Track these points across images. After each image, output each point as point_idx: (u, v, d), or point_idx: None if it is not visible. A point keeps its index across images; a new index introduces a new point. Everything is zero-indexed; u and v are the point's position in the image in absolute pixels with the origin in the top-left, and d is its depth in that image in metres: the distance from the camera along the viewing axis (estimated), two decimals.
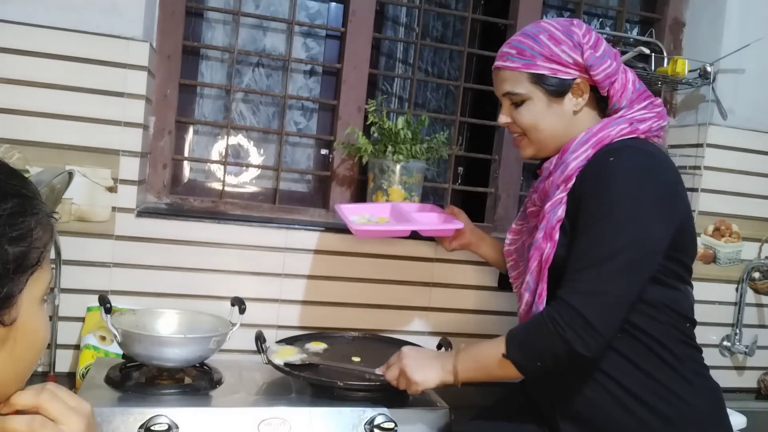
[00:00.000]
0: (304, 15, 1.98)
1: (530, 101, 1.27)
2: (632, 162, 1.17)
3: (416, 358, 1.30)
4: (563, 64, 1.24)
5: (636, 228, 1.12)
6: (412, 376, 1.27)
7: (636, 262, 1.13)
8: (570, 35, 1.25)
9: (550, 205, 1.23)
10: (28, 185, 0.69)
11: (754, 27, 1.94)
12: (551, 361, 1.15)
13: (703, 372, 1.25)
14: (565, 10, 2.23)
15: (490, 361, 1.21)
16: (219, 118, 1.92)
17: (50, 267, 0.73)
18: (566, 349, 1.11)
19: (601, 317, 1.10)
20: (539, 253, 1.24)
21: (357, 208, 1.63)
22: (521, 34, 1.30)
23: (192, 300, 1.61)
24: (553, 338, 1.12)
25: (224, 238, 1.65)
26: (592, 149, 1.22)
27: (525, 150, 1.34)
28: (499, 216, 2.01)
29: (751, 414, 1.71)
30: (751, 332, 2.00)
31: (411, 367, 1.28)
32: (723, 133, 1.95)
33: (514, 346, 1.17)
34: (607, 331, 1.11)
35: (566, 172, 1.22)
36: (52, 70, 1.51)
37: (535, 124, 1.28)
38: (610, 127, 1.23)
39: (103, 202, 1.56)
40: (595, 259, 1.12)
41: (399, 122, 1.70)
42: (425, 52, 2.21)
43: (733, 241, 1.99)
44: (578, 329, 1.10)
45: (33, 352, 0.72)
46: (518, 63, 1.27)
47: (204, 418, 1.25)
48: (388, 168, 1.70)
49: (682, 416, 1.18)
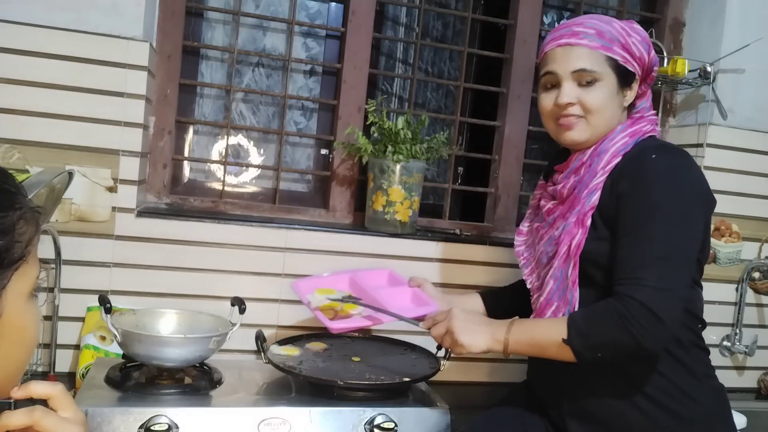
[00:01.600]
0: (304, 15, 1.98)
1: (603, 82, 1.26)
2: (676, 160, 1.21)
3: (466, 320, 1.27)
4: (633, 56, 1.26)
5: (686, 225, 1.15)
6: (459, 338, 1.24)
7: (690, 258, 1.16)
8: (638, 31, 1.27)
9: (587, 191, 1.24)
10: (9, 180, 0.69)
11: (754, 27, 1.94)
12: (612, 353, 1.15)
13: (710, 372, 1.27)
14: (565, 10, 2.23)
15: (547, 341, 1.18)
16: (219, 118, 1.92)
17: (38, 262, 0.72)
18: (634, 344, 1.11)
19: (669, 312, 1.11)
20: (570, 237, 1.24)
21: (314, 283, 1.54)
22: (593, 17, 1.28)
23: (192, 300, 1.61)
24: (620, 333, 1.11)
25: (224, 238, 1.65)
26: (630, 137, 1.26)
27: (580, 133, 1.28)
28: (499, 216, 2.01)
29: (751, 414, 1.71)
30: (751, 332, 2.00)
31: (459, 329, 1.25)
32: (723, 133, 1.95)
33: (576, 334, 1.15)
34: (675, 326, 1.13)
35: (605, 157, 1.25)
36: (52, 70, 1.51)
37: (602, 107, 1.26)
38: (643, 122, 1.29)
39: (103, 202, 1.56)
40: (656, 256, 1.13)
41: (399, 122, 1.70)
42: (425, 52, 2.21)
43: (733, 241, 1.99)
44: (647, 325, 1.10)
45: (22, 349, 0.71)
46: (598, 43, 1.24)
47: (204, 418, 1.25)
48: (388, 168, 1.70)
49: (692, 415, 1.19)
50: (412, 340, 1.66)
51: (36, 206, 0.71)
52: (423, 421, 1.34)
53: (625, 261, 1.16)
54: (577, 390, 1.24)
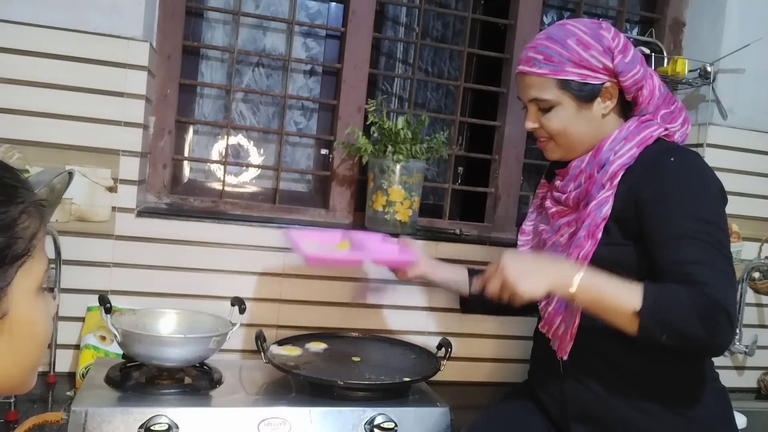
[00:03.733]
0: (304, 15, 1.98)
1: (559, 107, 1.24)
2: (695, 162, 1.20)
3: (522, 262, 1.15)
4: (593, 69, 1.22)
5: (723, 223, 1.15)
6: (517, 287, 1.10)
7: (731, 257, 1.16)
8: (599, 39, 1.22)
9: (596, 204, 1.21)
10: (11, 174, 0.68)
11: (754, 27, 1.94)
12: (679, 341, 1.09)
13: (715, 375, 1.27)
14: (565, 10, 2.23)
15: (616, 305, 1.10)
16: (219, 118, 1.92)
17: (45, 256, 0.71)
18: (710, 339, 1.08)
19: (735, 316, 1.13)
20: (578, 251, 1.21)
21: (307, 235, 1.52)
22: (547, 37, 1.24)
23: (192, 300, 1.61)
24: (701, 327, 1.07)
25: (224, 238, 1.65)
26: (637, 148, 1.22)
27: (552, 153, 1.31)
28: (499, 216, 2.01)
29: (751, 414, 1.71)
30: (751, 332, 2.00)
31: (515, 277, 1.11)
32: (723, 133, 1.95)
33: (651, 311, 1.07)
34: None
35: (611, 170, 1.21)
36: (52, 70, 1.51)
37: (564, 130, 1.25)
38: (651, 127, 1.24)
39: (103, 202, 1.56)
40: (713, 256, 1.11)
41: (399, 122, 1.70)
42: (425, 52, 2.21)
43: (733, 241, 1.99)
44: (727, 329, 1.07)
45: (33, 344, 0.71)
46: (546, 69, 1.22)
47: (204, 418, 1.25)
48: (388, 168, 1.70)
49: (697, 417, 1.19)
50: (412, 340, 1.66)
51: (40, 199, 0.70)
52: (423, 421, 1.34)
53: (675, 264, 1.12)
54: (581, 393, 1.24)
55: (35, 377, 0.73)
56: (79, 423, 1.17)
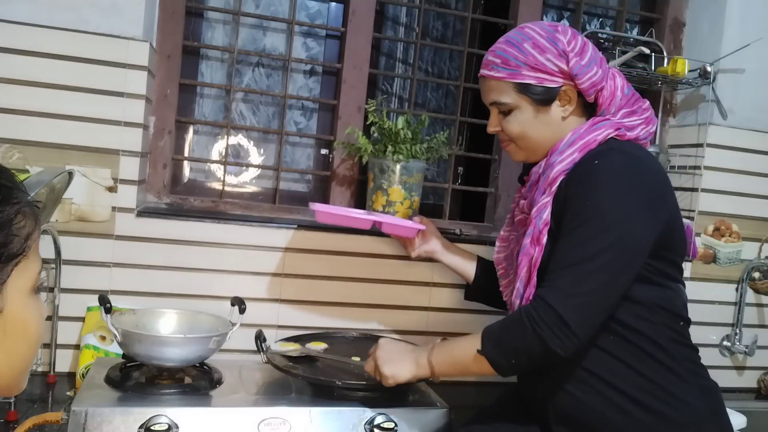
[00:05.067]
0: (304, 15, 1.98)
1: (518, 110, 1.26)
2: (616, 164, 1.16)
3: (389, 351, 1.30)
4: (549, 72, 1.23)
5: (619, 229, 1.12)
6: (381, 370, 1.27)
7: (617, 263, 1.12)
8: (554, 42, 1.22)
9: (536, 210, 1.22)
10: (6, 175, 0.68)
11: (754, 27, 1.94)
12: (525, 359, 1.14)
13: (699, 371, 1.24)
14: (565, 9, 2.23)
15: (465, 356, 1.20)
16: (219, 118, 1.92)
17: (39, 257, 0.72)
18: (542, 347, 1.11)
19: (577, 317, 1.10)
20: (528, 258, 1.22)
21: (330, 208, 1.61)
22: (505, 41, 1.26)
23: (192, 300, 1.61)
24: (529, 336, 1.11)
25: (224, 238, 1.65)
26: (578, 153, 1.21)
27: (515, 155, 1.33)
28: (499, 216, 2.00)
29: (751, 414, 1.71)
30: (751, 332, 2.00)
31: (382, 360, 1.28)
32: (723, 133, 1.95)
33: (489, 343, 1.17)
34: (583, 332, 1.11)
35: (551, 175, 1.21)
36: (52, 70, 1.51)
37: (523, 133, 1.27)
38: (598, 130, 1.22)
39: (103, 202, 1.56)
40: (576, 260, 1.12)
41: (399, 122, 1.70)
42: (425, 52, 2.21)
43: (733, 241, 1.99)
44: (554, 328, 1.10)
45: (26, 344, 0.71)
46: (503, 73, 1.24)
47: (204, 418, 1.25)
48: (388, 168, 1.70)
49: (679, 415, 1.17)
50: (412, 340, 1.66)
51: (35, 201, 0.71)
52: (423, 421, 1.35)
53: (551, 264, 1.16)
54: (559, 395, 1.22)
55: (26, 379, 0.73)
56: (79, 423, 1.17)
